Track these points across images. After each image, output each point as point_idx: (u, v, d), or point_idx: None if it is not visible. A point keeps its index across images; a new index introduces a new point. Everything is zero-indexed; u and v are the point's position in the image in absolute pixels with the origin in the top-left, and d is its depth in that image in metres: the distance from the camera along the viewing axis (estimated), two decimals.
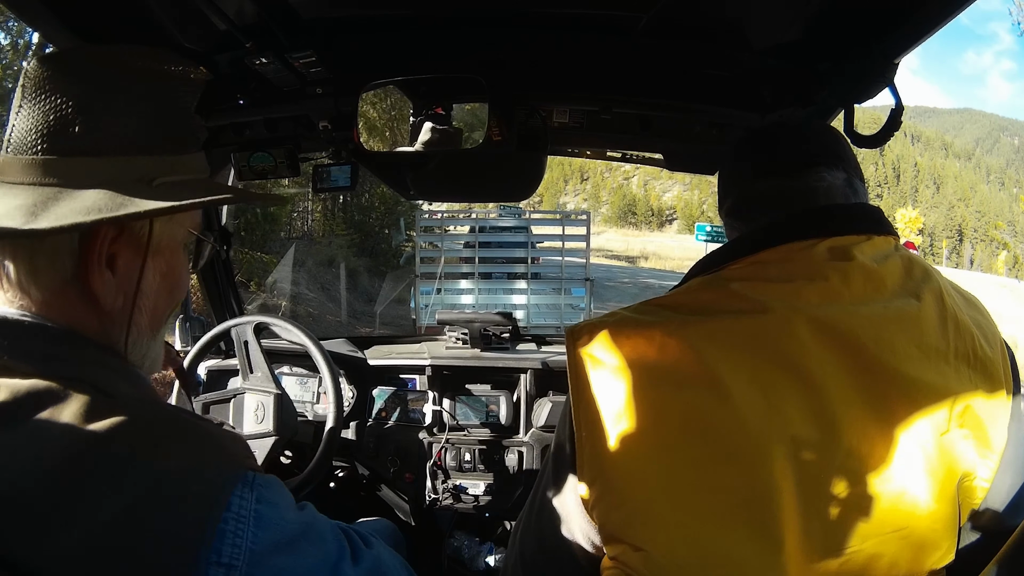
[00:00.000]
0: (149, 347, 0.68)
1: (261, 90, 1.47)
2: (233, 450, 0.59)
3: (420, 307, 7.84)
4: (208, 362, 2.00)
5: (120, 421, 0.53)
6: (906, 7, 0.98)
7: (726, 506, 0.61)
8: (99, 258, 0.59)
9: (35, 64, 0.60)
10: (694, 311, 0.70)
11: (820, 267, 0.68)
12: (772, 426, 0.62)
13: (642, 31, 1.28)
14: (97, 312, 0.61)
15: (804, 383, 0.63)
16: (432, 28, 1.39)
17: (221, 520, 0.53)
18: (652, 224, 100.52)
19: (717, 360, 0.64)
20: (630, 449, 0.65)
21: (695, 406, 0.64)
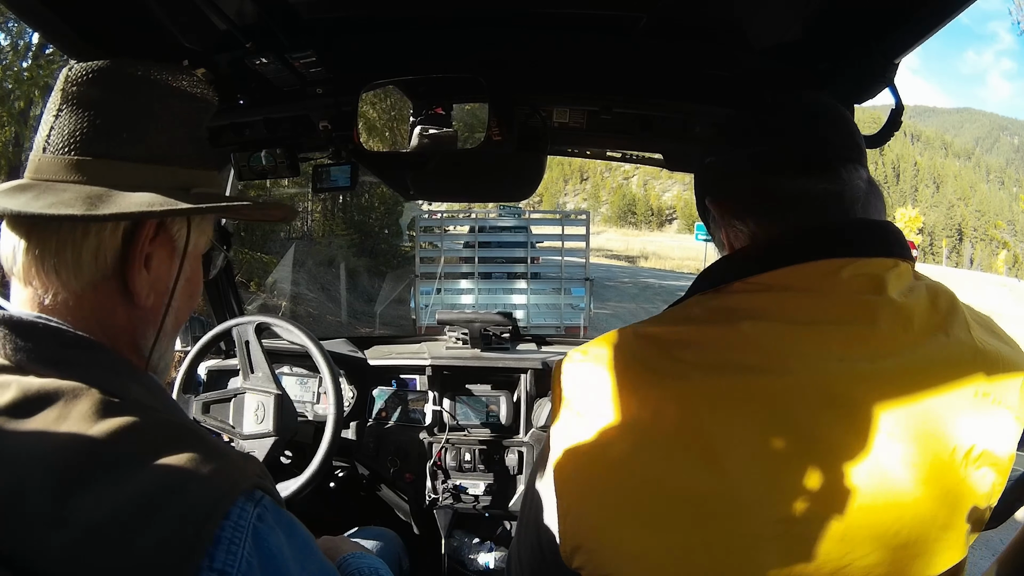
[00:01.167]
0: (167, 350, 0.71)
1: (261, 90, 1.47)
2: (243, 465, 0.58)
3: (420, 307, 7.84)
4: (208, 362, 2.00)
5: (126, 423, 0.53)
6: (906, 7, 0.98)
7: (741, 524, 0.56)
8: (140, 256, 0.63)
9: (79, 70, 0.63)
10: (697, 361, 0.60)
11: (848, 304, 0.61)
12: (770, 509, 0.56)
13: (642, 31, 1.28)
14: (129, 309, 0.64)
15: (814, 456, 0.56)
16: (432, 28, 1.39)
17: (219, 527, 0.52)
18: (652, 224, 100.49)
19: (717, 430, 0.57)
20: (613, 518, 0.59)
21: (686, 478, 0.56)
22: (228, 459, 0.56)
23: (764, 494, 0.55)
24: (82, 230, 0.60)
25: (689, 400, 0.58)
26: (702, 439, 0.56)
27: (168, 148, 0.65)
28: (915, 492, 0.57)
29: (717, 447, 0.56)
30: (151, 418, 0.56)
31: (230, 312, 2.04)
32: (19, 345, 0.57)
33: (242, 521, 0.54)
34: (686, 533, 0.56)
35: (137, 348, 0.66)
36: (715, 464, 0.56)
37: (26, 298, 0.61)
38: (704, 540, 0.56)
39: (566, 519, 0.62)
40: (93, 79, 0.63)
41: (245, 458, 0.60)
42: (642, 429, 0.59)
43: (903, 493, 0.57)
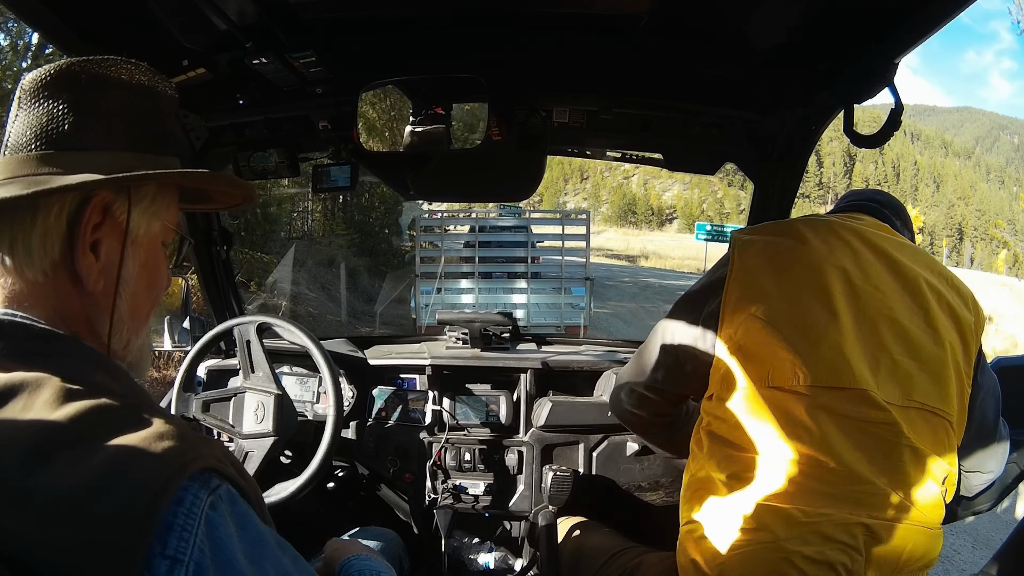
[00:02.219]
0: (131, 339, 0.72)
1: (261, 90, 1.47)
2: (199, 447, 0.57)
3: (420, 307, 7.84)
4: (208, 362, 2.00)
5: (85, 406, 0.55)
6: (906, 7, 0.98)
7: (806, 292, 0.98)
8: (84, 241, 0.65)
9: (31, 77, 0.67)
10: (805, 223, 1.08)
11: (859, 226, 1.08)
12: (829, 259, 1.00)
13: (642, 31, 1.28)
14: (80, 294, 0.66)
15: (853, 249, 1.03)
16: (432, 28, 1.39)
17: (167, 511, 0.52)
18: (652, 223, 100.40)
19: (806, 232, 1.04)
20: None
21: (788, 250, 1.03)
22: (184, 440, 0.56)
23: (827, 255, 1.02)
24: (30, 220, 0.63)
25: (797, 225, 1.07)
26: (801, 236, 1.04)
27: (113, 136, 0.68)
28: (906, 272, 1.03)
29: (806, 236, 1.04)
30: (109, 401, 0.57)
31: (230, 312, 2.04)
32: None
33: (195, 508, 0.53)
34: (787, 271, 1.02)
35: (96, 334, 0.68)
36: (804, 243, 1.03)
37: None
38: (797, 274, 1.01)
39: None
40: (42, 83, 0.66)
41: (205, 441, 0.60)
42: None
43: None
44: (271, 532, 0.61)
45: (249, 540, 0.57)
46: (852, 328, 0.96)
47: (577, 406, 1.88)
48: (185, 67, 1.32)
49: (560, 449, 1.89)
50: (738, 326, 0.99)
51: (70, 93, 0.67)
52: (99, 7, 1.14)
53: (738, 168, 1.74)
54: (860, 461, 0.92)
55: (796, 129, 1.54)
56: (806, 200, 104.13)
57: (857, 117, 1.24)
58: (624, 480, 1.88)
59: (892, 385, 0.95)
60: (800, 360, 0.93)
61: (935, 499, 0.97)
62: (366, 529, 1.54)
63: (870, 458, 0.92)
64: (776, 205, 1.71)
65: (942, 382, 0.98)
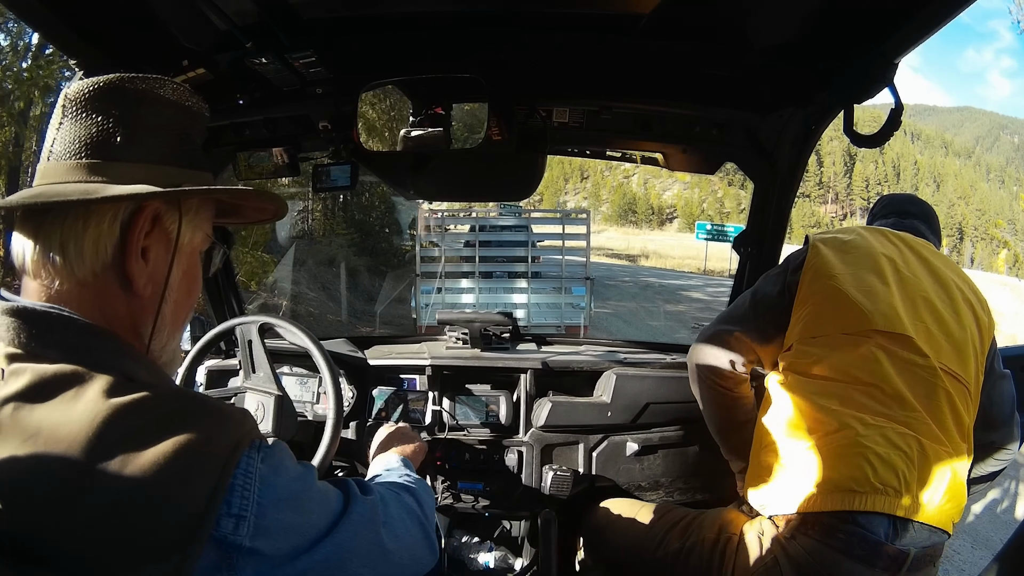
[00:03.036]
0: (169, 341, 0.76)
1: (261, 90, 1.47)
2: (243, 421, 0.67)
3: (420, 307, 7.84)
4: (208, 362, 2.00)
5: (139, 397, 0.60)
6: (906, 7, 0.98)
7: (864, 267, 1.29)
8: (136, 246, 0.69)
9: (77, 88, 0.70)
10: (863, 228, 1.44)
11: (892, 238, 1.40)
12: (880, 250, 1.34)
13: (642, 31, 1.28)
14: (128, 297, 0.70)
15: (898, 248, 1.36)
16: (432, 28, 1.39)
17: (232, 476, 0.62)
18: (652, 223, 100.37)
19: (863, 232, 1.39)
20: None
21: (850, 241, 1.36)
22: (232, 420, 0.66)
23: (880, 250, 1.35)
24: (83, 223, 0.66)
25: (864, 234, 1.40)
26: (866, 243, 1.36)
27: (159, 150, 0.72)
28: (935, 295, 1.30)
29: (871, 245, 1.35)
30: (160, 391, 0.63)
31: (230, 312, 2.04)
32: (32, 333, 0.62)
33: (251, 468, 0.64)
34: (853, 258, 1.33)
35: (138, 335, 0.72)
36: (869, 247, 1.35)
37: (35, 290, 0.67)
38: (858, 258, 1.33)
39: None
40: (90, 94, 0.69)
41: (243, 414, 0.69)
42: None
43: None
44: (300, 465, 0.72)
45: (289, 475, 0.69)
46: (898, 296, 1.25)
47: (577, 406, 1.89)
48: (185, 67, 1.32)
49: (560, 449, 1.89)
50: (816, 290, 1.29)
51: (120, 107, 0.70)
52: (99, 7, 1.14)
53: (738, 167, 1.74)
54: (908, 393, 1.18)
55: (796, 129, 1.54)
56: (806, 199, 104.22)
57: (857, 117, 1.25)
58: (624, 480, 1.88)
59: (927, 346, 1.21)
60: (863, 311, 1.23)
61: (966, 444, 1.22)
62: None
63: (914, 392, 1.19)
64: (776, 204, 1.71)
65: (964, 356, 1.25)
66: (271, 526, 0.64)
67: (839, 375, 1.22)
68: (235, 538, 0.61)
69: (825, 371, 1.24)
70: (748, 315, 1.41)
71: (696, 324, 12.57)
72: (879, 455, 1.13)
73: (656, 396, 1.88)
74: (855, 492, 1.12)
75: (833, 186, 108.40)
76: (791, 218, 1.85)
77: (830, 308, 1.26)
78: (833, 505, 1.13)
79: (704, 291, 18.73)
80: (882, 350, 1.20)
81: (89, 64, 1.23)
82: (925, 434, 1.17)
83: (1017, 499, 4.27)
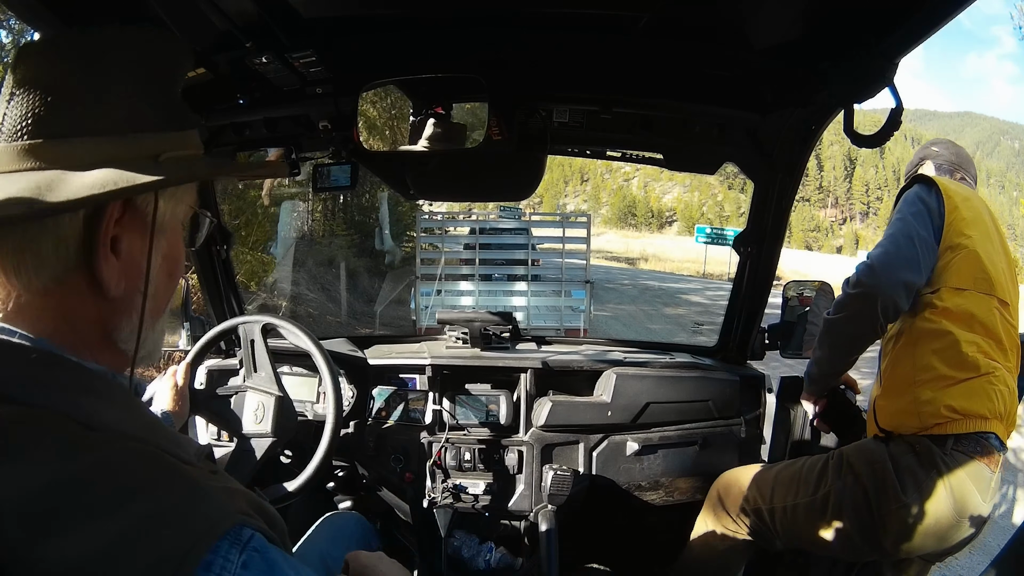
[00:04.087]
0: (148, 335, 0.64)
1: (261, 90, 1.47)
2: (224, 503, 0.53)
3: (420, 308, 7.83)
4: (208, 362, 2.00)
5: (99, 459, 0.49)
6: (906, 7, 0.98)
7: (983, 234, 1.54)
8: (105, 241, 0.57)
9: (25, 49, 0.58)
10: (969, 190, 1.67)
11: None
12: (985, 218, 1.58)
13: (642, 31, 1.28)
14: (99, 302, 0.59)
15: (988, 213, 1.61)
16: (432, 28, 1.39)
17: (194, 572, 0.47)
18: (652, 226, 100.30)
19: (975, 203, 1.59)
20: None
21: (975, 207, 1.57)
22: (207, 498, 0.52)
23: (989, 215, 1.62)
24: (39, 223, 0.54)
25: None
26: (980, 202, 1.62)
27: (129, 115, 0.59)
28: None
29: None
30: (125, 452, 0.51)
31: (230, 311, 2.03)
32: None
33: (226, 570, 0.48)
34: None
35: (111, 343, 0.61)
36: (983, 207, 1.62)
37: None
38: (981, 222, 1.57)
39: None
40: (45, 54, 0.58)
41: (229, 494, 0.55)
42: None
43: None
44: (297, 564, 0.56)
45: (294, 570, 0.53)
46: (1003, 265, 1.56)
47: (577, 406, 1.89)
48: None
49: (560, 449, 1.89)
50: (954, 244, 1.50)
51: (77, 68, 0.58)
52: (99, 7, 1.15)
53: (738, 169, 1.74)
54: (1008, 346, 1.51)
55: (796, 129, 1.55)
56: (806, 203, 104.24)
57: (857, 121, 1.25)
58: (624, 480, 1.88)
59: (1015, 311, 1.55)
60: (991, 279, 1.50)
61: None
62: (333, 514, 1.54)
63: (1011, 346, 1.52)
64: (776, 205, 1.71)
65: (1017, 301, 1.57)
66: None
67: (978, 327, 1.49)
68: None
69: (969, 321, 1.49)
70: (916, 255, 1.51)
71: (695, 327, 12.58)
72: (998, 391, 1.45)
73: (656, 396, 1.88)
74: (988, 419, 1.44)
75: (833, 190, 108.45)
76: (790, 222, 1.86)
77: (967, 266, 1.50)
78: (975, 427, 1.43)
79: (703, 294, 18.73)
80: (997, 310, 1.51)
81: None
82: (1013, 380, 1.51)
83: (1015, 504, 4.26)
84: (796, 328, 1.91)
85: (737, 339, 1.99)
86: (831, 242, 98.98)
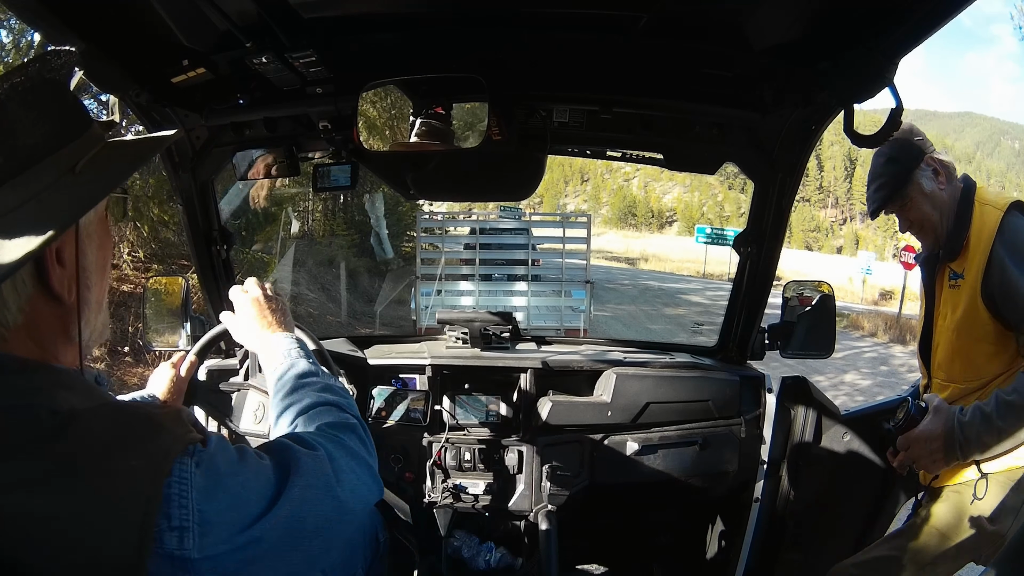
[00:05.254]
0: (95, 321, 0.75)
1: (261, 90, 1.47)
2: (173, 427, 0.65)
3: (420, 308, 7.83)
4: (208, 362, 2.00)
5: (71, 432, 0.59)
6: (906, 7, 0.98)
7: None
8: (52, 260, 0.66)
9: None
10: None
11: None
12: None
13: (642, 31, 1.28)
14: (56, 307, 0.68)
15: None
16: (432, 28, 1.39)
17: (166, 486, 0.60)
18: (652, 226, 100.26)
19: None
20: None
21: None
22: (161, 427, 0.64)
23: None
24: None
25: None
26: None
27: (34, 144, 0.64)
28: None
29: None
30: (89, 423, 0.61)
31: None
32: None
33: (185, 476, 0.62)
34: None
35: (70, 336, 0.71)
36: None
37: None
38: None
39: None
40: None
41: (175, 419, 0.68)
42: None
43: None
44: (236, 454, 0.70)
45: (228, 472, 0.67)
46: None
47: (577, 406, 1.88)
48: (185, 67, 1.32)
49: (560, 449, 1.89)
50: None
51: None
52: (100, 7, 1.15)
53: (738, 169, 1.74)
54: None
55: (796, 129, 1.55)
56: (806, 204, 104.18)
57: (858, 121, 1.25)
58: (624, 480, 1.88)
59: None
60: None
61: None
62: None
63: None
64: (776, 205, 1.71)
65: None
66: (219, 529, 0.63)
67: None
68: (183, 552, 0.60)
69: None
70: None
71: (695, 327, 12.58)
72: None
73: (656, 396, 1.88)
74: None
75: (833, 191, 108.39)
76: (790, 222, 1.85)
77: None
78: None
79: (703, 294, 18.75)
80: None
81: (90, 63, 1.24)
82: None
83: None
84: (796, 328, 1.91)
85: (737, 339, 1.99)
86: (831, 242, 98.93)
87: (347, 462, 0.82)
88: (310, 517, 0.73)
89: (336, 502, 0.77)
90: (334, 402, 0.96)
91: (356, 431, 0.90)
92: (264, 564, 0.67)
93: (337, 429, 0.88)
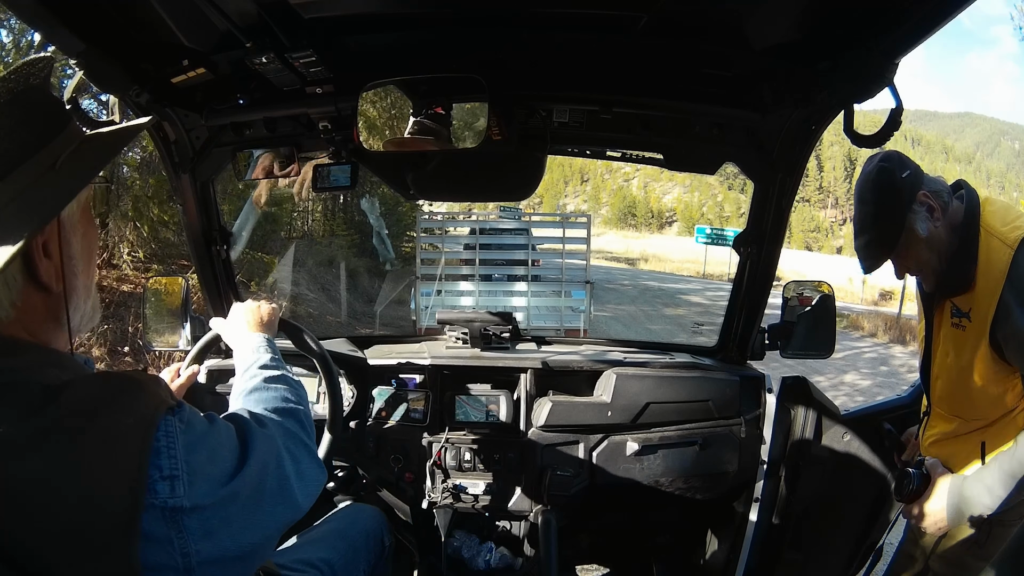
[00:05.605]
0: (84, 306, 0.79)
1: (261, 90, 1.47)
2: (156, 390, 0.71)
3: (420, 308, 7.83)
4: (208, 362, 2.00)
5: (62, 399, 0.63)
6: (906, 7, 0.98)
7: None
8: (39, 253, 0.70)
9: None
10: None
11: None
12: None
13: (642, 31, 1.28)
14: (44, 297, 0.72)
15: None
16: (432, 28, 1.39)
17: (154, 439, 0.66)
18: (652, 226, 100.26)
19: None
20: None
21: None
22: (146, 391, 0.69)
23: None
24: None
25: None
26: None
27: (17, 147, 0.68)
28: None
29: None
30: (76, 390, 0.65)
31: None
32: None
33: (171, 430, 0.68)
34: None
35: (59, 322, 0.75)
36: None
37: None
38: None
39: None
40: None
41: (155, 382, 0.73)
42: None
43: None
44: (207, 418, 0.77)
45: (206, 428, 0.74)
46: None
47: (577, 406, 1.88)
48: (185, 67, 1.33)
49: (560, 449, 1.89)
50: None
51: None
52: (100, 7, 1.15)
53: (738, 169, 1.74)
54: None
55: (796, 129, 1.55)
56: (806, 204, 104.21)
57: (858, 121, 1.25)
58: (624, 480, 1.88)
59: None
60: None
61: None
62: (352, 504, 1.56)
63: None
64: (776, 206, 1.71)
65: None
66: (203, 480, 0.69)
67: None
68: (174, 501, 0.65)
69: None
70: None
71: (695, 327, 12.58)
72: None
73: (656, 396, 1.88)
74: None
75: (833, 191, 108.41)
76: (790, 222, 1.85)
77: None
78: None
79: (703, 295, 18.75)
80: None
81: (90, 63, 1.24)
82: None
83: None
84: (796, 328, 1.90)
85: (737, 339, 1.99)
86: (831, 243, 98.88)
87: (286, 441, 0.90)
88: (270, 479, 0.80)
89: (281, 471, 0.84)
90: (285, 390, 1.05)
91: (297, 415, 0.99)
92: (238, 524, 0.73)
93: (282, 414, 0.97)
